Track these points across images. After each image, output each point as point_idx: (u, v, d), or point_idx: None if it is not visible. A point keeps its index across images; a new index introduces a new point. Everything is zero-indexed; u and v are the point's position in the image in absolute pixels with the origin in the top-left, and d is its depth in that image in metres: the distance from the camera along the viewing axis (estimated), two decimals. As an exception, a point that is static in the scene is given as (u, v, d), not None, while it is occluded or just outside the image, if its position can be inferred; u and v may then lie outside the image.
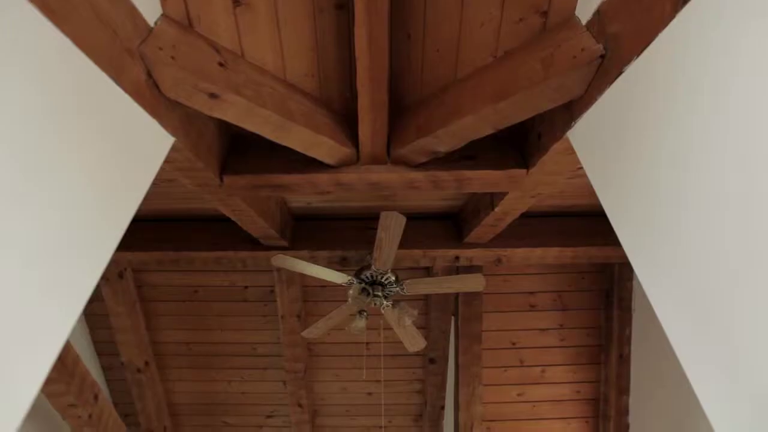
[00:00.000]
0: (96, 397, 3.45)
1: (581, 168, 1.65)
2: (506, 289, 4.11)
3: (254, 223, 2.98)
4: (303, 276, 4.08)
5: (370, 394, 4.84)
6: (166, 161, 1.71)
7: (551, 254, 3.57)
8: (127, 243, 3.62)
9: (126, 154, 1.32)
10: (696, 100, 0.97)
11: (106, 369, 4.75)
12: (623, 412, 4.03)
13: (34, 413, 3.74)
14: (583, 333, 4.16)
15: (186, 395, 4.86)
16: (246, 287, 4.31)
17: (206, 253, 3.60)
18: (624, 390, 4.00)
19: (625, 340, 3.96)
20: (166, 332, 4.54)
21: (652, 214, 1.14)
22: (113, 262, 3.85)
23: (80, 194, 1.08)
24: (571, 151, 1.76)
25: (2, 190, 0.84)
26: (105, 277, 3.99)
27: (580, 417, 4.23)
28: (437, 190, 2.47)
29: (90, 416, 3.37)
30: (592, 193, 1.51)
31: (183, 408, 4.93)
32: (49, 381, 3.06)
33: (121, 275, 4.05)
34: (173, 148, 1.71)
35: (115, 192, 1.24)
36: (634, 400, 3.98)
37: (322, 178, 2.34)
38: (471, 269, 3.65)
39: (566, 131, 1.70)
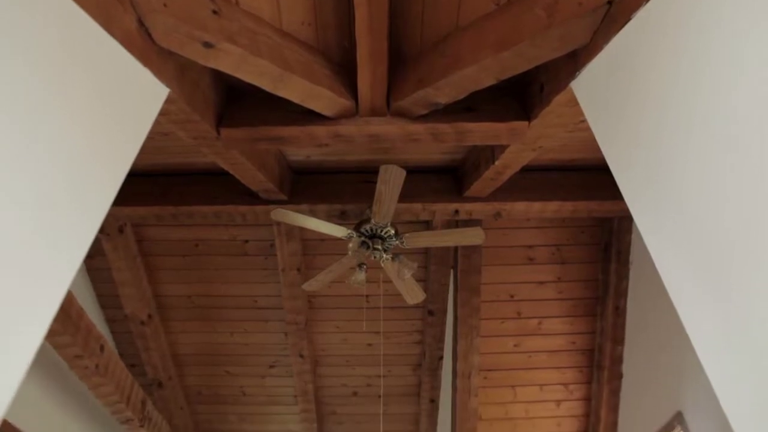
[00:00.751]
0: (102, 348, 3.51)
1: (584, 121, 1.62)
2: (505, 243, 4.13)
3: (253, 177, 2.97)
4: (303, 230, 4.09)
5: (370, 345, 4.94)
6: (161, 113, 1.68)
7: (551, 208, 3.57)
8: (126, 198, 3.64)
9: (120, 105, 1.29)
10: (708, 50, 0.94)
11: (110, 322, 4.83)
12: (617, 361, 4.13)
13: (43, 364, 3.82)
14: (580, 286, 4.21)
15: (189, 346, 4.96)
16: (246, 241, 4.33)
17: (205, 208, 3.60)
18: (619, 340, 4.09)
19: (622, 293, 4.01)
20: (168, 286, 4.59)
21: (656, 167, 1.12)
22: (112, 217, 3.85)
23: (75, 146, 1.06)
24: (574, 103, 1.72)
25: (-6, 142, 0.82)
26: (105, 232, 4.00)
27: (574, 366, 4.33)
28: (437, 143, 2.45)
29: (97, 366, 3.44)
30: (594, 147, 1.49)
31: (187, 358, 5.04)
32: (55, 333, 3.11)
33: (121, 230, 4.05)
34: (168, 100, 1.67)
35: (110, 144, 1.22)
36: (628, 350, 4.07)
37: (321, 131, 2.31)
38: (470, 223, 3.65)
39: (570, 81, 1.66)
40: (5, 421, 3.44)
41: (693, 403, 3.22)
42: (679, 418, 3.35)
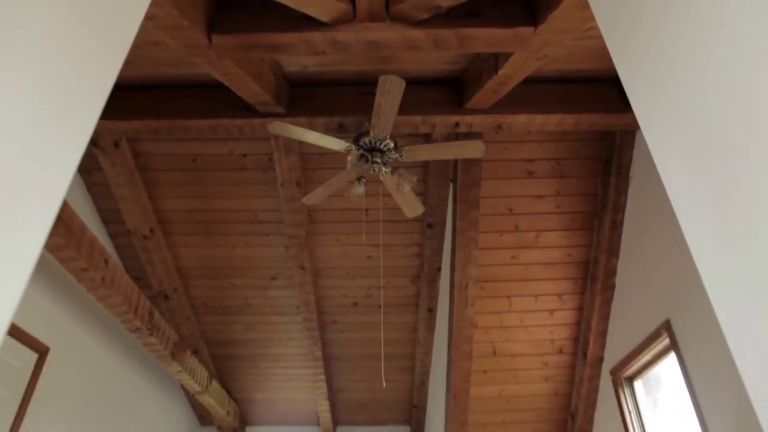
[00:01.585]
0: (106, 262, 3.58)
1: (592, 27, 1.54)
2: (505, 157, 4.09)
3: (248, 88, 2.88)
4: (301, 143, 4.04)
5: (369, 257, 5.04)
6: (148, 18, 1.59)
7: (552, 121, 3.50)
8: (119, 112, 3.56)
9: (102, 6, 1.21)
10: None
11: (113, 237, 4.89)
12: (611, 273, 4.23)
13: (49, 278, 3.92)
14: (578, 200, 4.23)
15: (192, 260, 5.06)
16: (244, 155, 4.29)
17: (201, 121, 3.53)
18: (614, 253, 4.16)
19: (620, 207, 4.04)
20: (168, 201, 4.60)
21: (669, 76, 1.07)
22: (107, 132, 3.79)
23: (52, 52, 1.00)
24: (584, 6, 1.63)
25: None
26: (101, 147, 3.95)
27: (569, 278, 4.45)
28: (438, 50, 2.35)
29: (102, 279, 3.52)
30: (601, 57, 1.43)
31: (191, 271, 5.16)
32: (59, 247, 3.15)
33: (116, 145, 4.00)
34: (154, 3, 1.58)
35: (95, 47, 1.16)
36: (621, 263, 4.16)
37: (317, 37, 2.21)
38: (470, 136, 3.60)
39: (581, -20, 1.56)
40: (25, 332, 3.57)
41: (681, 313, 3.34)
42: (666, 325, 3.48)
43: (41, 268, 3.84)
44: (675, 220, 3.40)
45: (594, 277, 4.30)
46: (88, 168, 4.32)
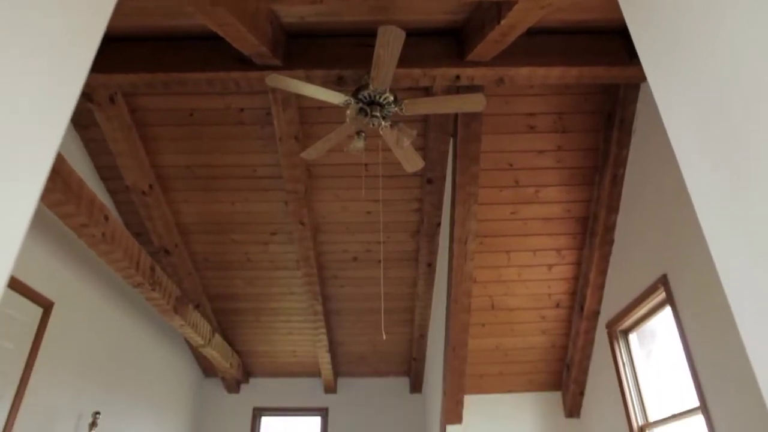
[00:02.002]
0: (106, 218, 3.58)
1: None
2: (506, 111, 4.04)
3: (244, 39, 2.81)
4: (299, 97, 3.98)
5: (369, 212, 5.05)
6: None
7: (555, 74, 3.44)
8: (114, 65, 3.49)
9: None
10: None
11: (112, 193, 4.88)
12: (610, 228, 4.24)
13: (52, 235, 3.93)
14: (579, 155, 4.20)
15: (192, 215, 5.07)
16: (242, 110, 4.23)
17: (197, 74, 3.46)
18: (614, 208, 4.16)
19: (621, 162, 4.01)
20: (166, 156, 4.57)
21: (679, 27, 1.04)
22: (102, 86, 3.72)
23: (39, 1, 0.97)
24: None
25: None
26: (96, 102, 3.89)
27: (568, 233, 4.46)
28: (439, -2, 2.27)
29: (103, 235, 3.53)
30: (606, 5, 1.38)
31: (191, 227, 5.17)
32: (58, 203, 3.15)
33: (112, 99, 3.94)
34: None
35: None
36: (621, 218, 4.16)
37: (314, -15, 2.13)
38: (472, 89, 3.54)
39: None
40: (29, 287, 3.61)
41: (678, 268, 3.36)
42: (663, 280, 3.52)
43: (43, 225, 3.85)
44: (676, 176, 3.41)
45: (593, 232, 4.32)
46: (84, 123, 4.27)
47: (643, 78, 3.59)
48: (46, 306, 3.87)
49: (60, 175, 3.07)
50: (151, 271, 4.23)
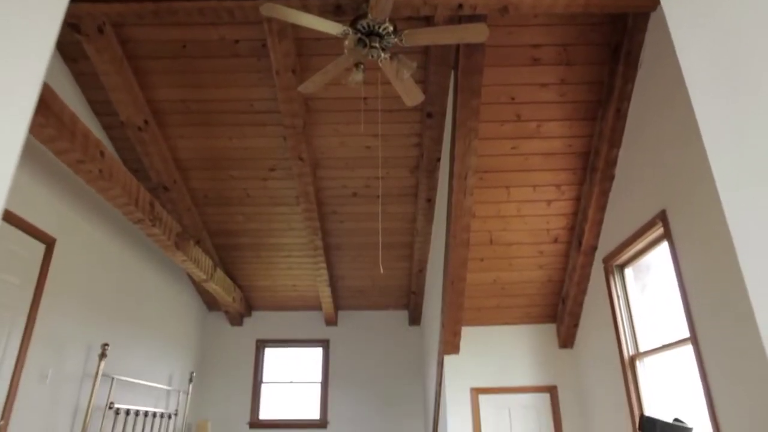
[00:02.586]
0: (102, 154, 3.54)
1: None
2: (509, 42, 3.91)
3: (236, -35, 2.67)
4: (296, 27, 3.84)
5: (368, 147, 5.00)
6: None
7: (561, 2, 3.30)
8: (99, -9, 3.34)
9: None
10: None
11: (107, 129, 4.80)
12: (611, 163, 4.21)
13: (51, 173, 3.90)
14: (584, 88, 4.10)
15: (190, 151, 5.02)
16: (236, 41, 4.09)
17: (188, 3, 3.32)
18: (616, 143, 4.11)
19: (626, 96, 3.92)
20: (160, 90, 4.46)
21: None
22: (88, 15, 3.58)
23: None
24: None
25: None
26: (84, 33, 3.76)
27: (568, 168, 4.43)
28: None
29: (100, 171, 3.50)
30: None
31: (189, 163, 5.13)
32: (52, 138, 3.10)
33: (100, 30, 3.80)
34: None
35: None
36: (622, 153, 4.12)
37: None
38: (474, 19, 3.41)
39: None
40: (30, 224, 3.62)
41: (677, 204, 3.36)
42: (662, 215, 3.53)
43: (42, 163, 3.81)
44: (680, 112, 3.35)
45: (594, 167, 4.29)
46: (73, 56, 4.14)
47: (653, 7, 3.45)
48: (49, 242, 3.90)
49: (52, 110, 3.00)
50: (151, 207, 4.24)
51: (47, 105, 2.96)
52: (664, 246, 3.70)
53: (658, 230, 3.66)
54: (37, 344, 3.77)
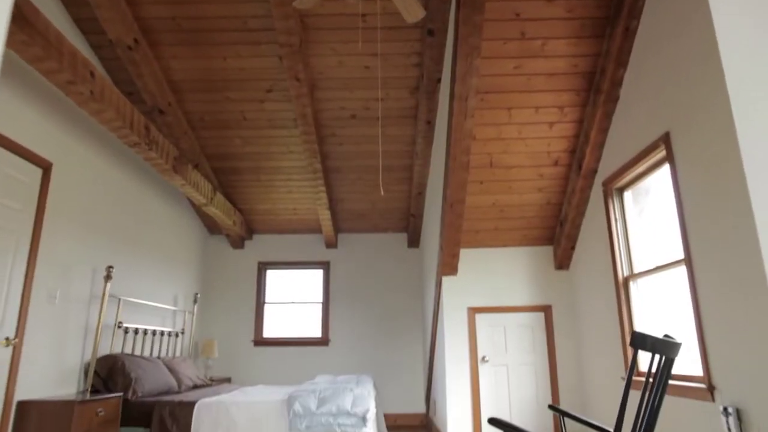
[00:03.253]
0: (92, 74, 3.43)
1: None
2: (516, -48, 3.69)
3: None
4: (288, -63, 3.61)
5: (367, 67, 4.85)
6: None
7: None
8: None
9: None
10: None
11: (96, 48, 4.63)
12: (617, 84, 4.10)
13: (45, 97, 3.79)
14: (592, 4, 3.91)
15: (184, 72, 4.87)
16: (226, -48, 3.86)
17: None
18: (622, 63, 3.98)
19: (636, 13, 3.75)
20: (149, 7, 4.26)
21: None
22: None
23: None
24: None
25: None
26: (64, -59, 3.53)
27: (572, 89, 4.32)
28: None
29: (91, 93, 3.41)
30: None
31: (183, 85, 5.00)
32: (38, 58, 3.00)
33: (81, -62, 3.57)
34: None
35: None
36: (629, 74, 4.00)
37: None
38: (479, -74, 3.19)
39: None
40: (26, 149, 3.57)
41: (681, 126, 3.30)
42: (665, 138, 3.48)
43: (35, 87, 3.70)
44: (691, 30, 3.22)
45: (598, 88, 4.18)
46: (54, -32, 3.92)
47: None
48: (45, 167, 3.87)
49: (35, 28, 2.88)
50: (146, 130, 4.17)
51: (30, 22, 2.83)
52: (665, 169, 3.68)
53: (661, 153, 3.62)
54: (43, 266, 3.84)
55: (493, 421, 1.60)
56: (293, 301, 7.38)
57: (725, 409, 2.89)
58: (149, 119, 5.16)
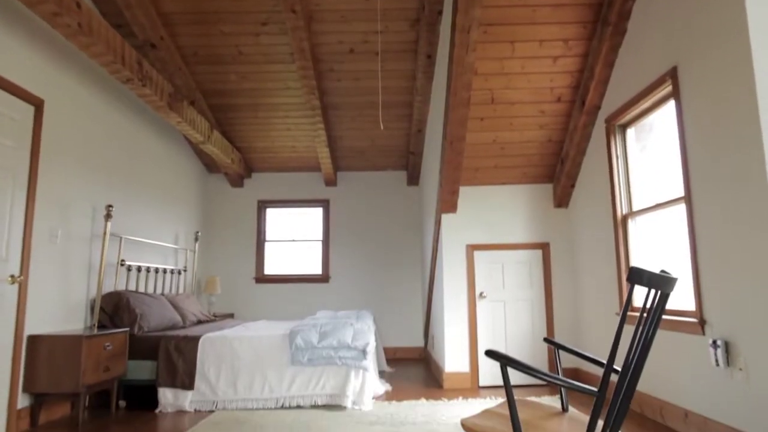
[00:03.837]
0: (79, 5, 3.30)
1: None
2: None
3: None
4: None
5: (365, -2, 4.66)
6: None
7: None
8: None
9: None
10: None
11: (81, -24, 4.42)
12: (625, 16, 3.95)
13: (34, 33, 3.66)
14: (602, -73, 3.71)
15: (176, 4, 4.68)
16: None
17: None
18: (631, -8, 3.83)
19: (648, -65, 3.56)
20: (135, -69, 4.04)
21: None
22: None
23: None
24: None
25: None
26: None
27: (578, 22, 4.17)
28: None
29: (79, 25, 3.29)
30: None
31: (175, 17, 4.82)
32: (22, -13, 2.87)
33: None
34: None
35: None
36: (637, 5, 3.85)
37: None
38: None
39: None
40: (17, 86, 3.48)
41: (690, 60, 3.21)
42: (672, 72, 3.38)
43: (23, 23, 3.56)
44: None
45: (606, 20, 4.04)
46: None
47: None
48: (37, 104, 3.79)
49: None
50: (139, 65, 4.05)
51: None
52: (670, 105, 3.61)
53: (667, 88, 3.54)
54: (42, 205, 3.83)
55: (489, 353, 1.64)
56: (294, 239, 7.45)
57: (714, 342, 2.98)
58: (141, 54, 5.01)
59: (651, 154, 3.97)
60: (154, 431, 3.54)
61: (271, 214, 7.53)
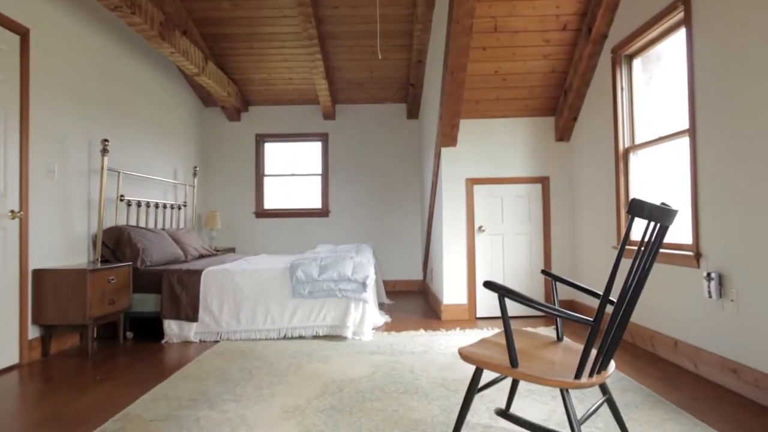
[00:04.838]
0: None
1: None
2: None
3: None
4: None
5: None
6: None
7: None
8: None
9: None
10: None
11: None
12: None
13: (1, -55, 3.46)
14: None
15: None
16: None
17: None
18: None
19: None
20: None
21: None
22: None
23: None
24: None
25: None
26: None
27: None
28: None
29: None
30: None
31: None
32: None
33: None
34: None
35: None
36: None
37: None
38: None
39: None
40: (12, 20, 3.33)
41: (705, -20, 3.06)
42: (684, -3, 3.24)
43: (-12, -65, 3.36)
44: None
45: (616, -60, 3.82)
46: None
47: None
48: (22, 33, 3.65)
49: None
50: (126, -9, 3.87)
51: None
52: (681, 34, 3.48)
53: (679, 14, 3.40)
54: (36, 140, 3.78)
55: (488, 284, 1.66)
56: (293, 173, 7.41)
57: (708, 274, 3.02)
58: (129, -20, 4.78)
59: (656, 85, 3.87)
60: (161, 360, 3.65)
61: (270, 148, 7.45)
